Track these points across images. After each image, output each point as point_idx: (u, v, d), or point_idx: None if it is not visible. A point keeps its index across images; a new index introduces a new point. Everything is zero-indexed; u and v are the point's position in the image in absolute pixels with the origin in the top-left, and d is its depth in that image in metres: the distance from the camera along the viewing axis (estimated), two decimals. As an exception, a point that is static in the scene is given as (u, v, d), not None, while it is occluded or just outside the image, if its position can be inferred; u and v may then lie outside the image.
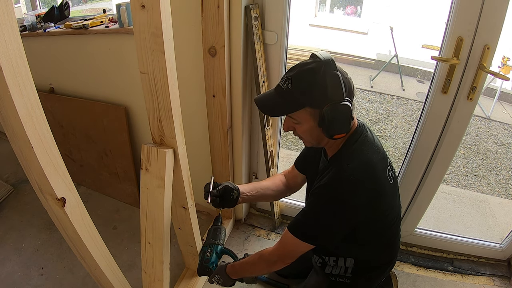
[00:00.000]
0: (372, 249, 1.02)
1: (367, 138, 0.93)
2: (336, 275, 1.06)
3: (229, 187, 1.14)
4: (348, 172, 0.86)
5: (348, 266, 1.03)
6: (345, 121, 0.82)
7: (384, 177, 0.91)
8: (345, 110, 0.81)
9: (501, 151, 3.19)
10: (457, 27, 1.09)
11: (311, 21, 7.14)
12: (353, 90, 0.84)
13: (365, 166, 0.88)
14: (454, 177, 2.73)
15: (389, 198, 0.94)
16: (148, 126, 0.99)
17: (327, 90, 0.80)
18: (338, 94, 0.80)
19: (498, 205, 2.23)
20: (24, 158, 0.70)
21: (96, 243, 0.90)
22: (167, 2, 0.79)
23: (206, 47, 1.25)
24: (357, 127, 0.93)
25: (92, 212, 0.85)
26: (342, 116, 0.81)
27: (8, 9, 0.55)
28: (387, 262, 1.08)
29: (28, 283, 1.51)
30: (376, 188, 0.88)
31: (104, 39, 1.60)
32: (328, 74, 0.80)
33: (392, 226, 1.01)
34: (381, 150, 0.95)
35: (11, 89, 0.59)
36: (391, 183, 0.95)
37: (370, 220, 0.92)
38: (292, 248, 0.95)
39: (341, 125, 0.83)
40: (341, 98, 0.80)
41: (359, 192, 0.86)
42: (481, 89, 1.17)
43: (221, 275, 1.09)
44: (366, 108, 3.88)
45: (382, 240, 1.01)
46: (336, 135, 0.85)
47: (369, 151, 0.90)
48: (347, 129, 0.84)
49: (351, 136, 0.91)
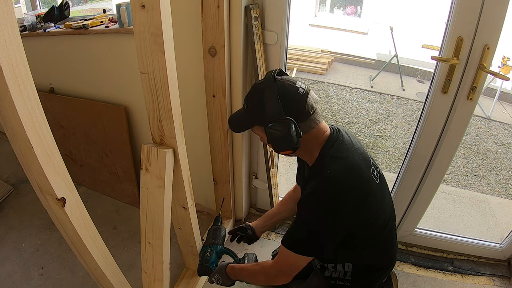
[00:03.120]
0: (369, 254, 1.01)
1: (344, 141, 0.93)
2: (335, 278, 1.05)
3: (243, 227, 1.24)
4: (330, 178, 0.86)
5: (347, 271, 1.03)
6: (286, 138, 0.85)
7: (369, 177, 0.90)
8: (283, 128, 0.84)
9: (501, 151, 3.19)
10: (457, 27, 1.09)
11: (311, 21, 7.15)
12: (306, 105, 0.86)
13: (346, 169, 0.88)
14: (454, 177, 2.73)
15: (377, 197, 0.93)
16: (148, 126, 0.99)
17: (266, 109, 0.86)
18: (277, 113, 0.84)
19: (498, 205, 2.23)
20: (24, 158, 0.70)
21: (96, 243, 0.90)
22: (167, 2, 0.79)
23: (206, 47, 1.25)
24: (330, 134, 0.94)
25: (92, 212, 0.85)
26: (281, 134, 0.85)
27: (8, 9, 0.55)
28: (386, 264, 1.07)
29: (28, 283, 1.51)
30: (362, 188, 0.88)
31: (104, 39, 1.60)
32: (268, 94, 0.85)
33: (385, 229, 0.99)
34: (361, 151, 0.94)
35: (11, 89, 0.59)
36: (378, 183, 0.94)
37: (362, 224, 0.91)
38: (289, 262, 0.94)
39: (283, 142, 0.86)
40: (280, 117, 0.84)
41: (345, 195, 0.85)
42: (481, 89, 1.17)
43: (221, 274, 1.09)
44: (366, 108, 3.88)
45: (377, 244, 1.00)
46: (282, 152, 0.89)
47: (349, 154, 0.91)
48: (291, 146, 0.86)
49: (326, 143, 0.92)
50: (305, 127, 0.88)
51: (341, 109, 3.85)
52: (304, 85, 0.89)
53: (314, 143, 0.93)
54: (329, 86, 4.45)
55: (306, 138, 0.90)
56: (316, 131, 0.91)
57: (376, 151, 3.05)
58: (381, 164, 2.86)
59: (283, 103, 0.85)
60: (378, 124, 3.54)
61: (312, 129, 0.90)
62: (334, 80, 4.62)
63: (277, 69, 0.91)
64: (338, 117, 3.65)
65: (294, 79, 0.91)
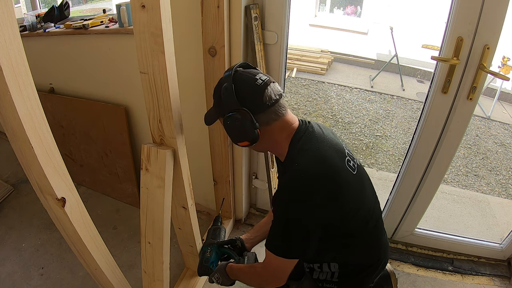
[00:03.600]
0: (353, 252, 0.98)
1: (313, 133, 0.91)
2: (323, 280, 1.03)
3: (233, 239, 1.20)
4: (298, 171, 0.84)
5: (334, 271, 1.00)
6: (240, 129, 0.84)
7: (341, 167, 0.87)
8: (237, 119, 0.84)
9: (501, 151, 3.19)
10: (457, 27, 1.09)
11: (311, 21, 7.16)
12: (263, 96, 0.85)
13: (315, 160, 0.85)
14: (454, 177, 2.73)
15: (355, 189, 0.90)
16: (148, 126, 0.99)
17: (222, 102, 0.87)
18: (233, 104, 0.84)
19: (498, 205, 2.23)
20: (24, 158, 0.70)
21: (96, 243, 0.90)
22: (167, 2, 0.79)
23: (206, 47, 1.25)
24: (299, 126, 0.91)
25: (92, 212, 0.85)
26: (236, 125, 0.84)
27: (8, 9, 0.55)
28: (373, 264, 1.03)
29: (28, 283, 1.51)
30: (334, 179, 0.84)
31: (104, 39, 1.60)
32: (226, 86, 0.85)
33: (368, 224, 0.95)
34: (334, 142, 0.92)
35: (11, 89, 0.59)
36: (355, 174, 0.91)
37: (342, 217, 0.88)
38: (274, 265, 0.92)
39: (237, 133, 0.86)
40: (235, 108, 0.84)
41: (316, 187, 0.82)
42: (481, 89, 1.17)
43: (221, 274, 1.09)
44: (366, 108, 3.88)
45: (361, 241, 0.97)
46: (240, 143, 0.88)
47: (319, 145, 0.88)
48: (246, 137, 0.86)
49: (294, 136, 0.90)
50: (265, 119, 0.86)
51: (341, 109, 3.84)
52: (266, 77, 0.87)
53: (280, 137, 0.91)
54: (329, 86, 4.45)
55: (269, 131, 0.88)
56: (280, 123, 0.89)
57: (376, 151, 3.05)
58: (381, 164, 2.86)
59: (238, 94, 0.84)
60: (378, 124, 3.54)
61: (274, 121, 0.88)
62: (334, 80, 4.62)
63: (242, 62, 0.91)
64: (338, 117, 3.65)
65: (255, 71, 0.90)
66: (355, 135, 3.29)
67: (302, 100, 4.05)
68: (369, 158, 2.94)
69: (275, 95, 0.86)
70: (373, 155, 2.98)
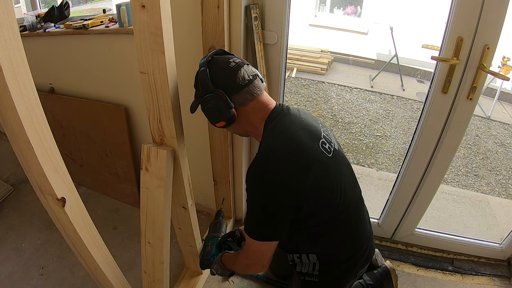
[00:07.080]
0: (331, 241, 0.98)
1: (287, 115, 0.92)
2: (305, 273, 1.03)
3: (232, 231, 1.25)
4: (265, 152, 0.85)
5: (314, 262, 1.00)
6: (215, 109, 0.88)
7: (312, 148, 0.87)
8: (211, 100, 0.87)
9: (501, 151, 3.19)
10: (457, 27, 1.08)
11: (311, 21, 7.16)
12: (236, 77, 0.87)
13: (285, 140, 0.86)
14: (454, 177, 2.73)
15: (329, 171, 0.89)
16: (148, 126, 0.99)
17: (199, 86, 0.90)
18: (208, 86, 0.88)
19: (498, 205, 2.23)
20: (24, 158, 0.70)
21: (96, 243, 0.90)
22: (167, 2, 0.79)
23: (206, 47, 1.24)
24: (274, 108, 0.93)
25: (92, 212, 0.85)
26: (211, 106, 0.88)
27: (8, 9, 0.55)
28: (352, 256, 1.01)
29: (28, 283, 1.51)
30: (305, 158, 0.85)
31: (104, 39, 1.60)
32: (201, 71, 0.89)
33: (346, 212, 0.95)
34: (310, 124, 0.93)
35: (11, 89, 0.59)
36: (330, 156, 0.91)
37: (316, 200, 0.87)
38: (252, 248, 0.93)
39: (213, 114, 0.89)
40: (210, 90, 0.88)
41: (284, 166, 0.83)
42: (481, 89, 1.17)
43: (219, 265, 1.11)
44: (366, 108, 3.88)
45: (338, 229, 0.96)
46: (217, 124, 0.92)
47: (291, 126, 0.89)
48: (222, 117, 0.89)
49: (268, 117, 0.91)
50: (240, 99, 0.89)
51: (341, 109, 3.85)
52: (239, 60, 0.90)
53: (256, 117, 0.92)
54: (329, 86, 4.45)
55: (246, 112, 0.90)
56: (255, 104, 0.91)
57: (376, 151, 3.05)
58: (381, 164, 2.86)
59: (212, 77, 0.87)
60: (378, 124, 3.54)
61: (250, 102, 0.90)
62: (334, 80, 4.62)
63: (218, 49, 0.95)
64: (338, 117, 3.65)
65: (230, 56, 0.93)
66: (355, 135, 3.29)
67: (302, 100, 4.05)
68: (369, 158, 2.94)
69: (248, 75, 0.89)
70: (373, 155, 2.98)
